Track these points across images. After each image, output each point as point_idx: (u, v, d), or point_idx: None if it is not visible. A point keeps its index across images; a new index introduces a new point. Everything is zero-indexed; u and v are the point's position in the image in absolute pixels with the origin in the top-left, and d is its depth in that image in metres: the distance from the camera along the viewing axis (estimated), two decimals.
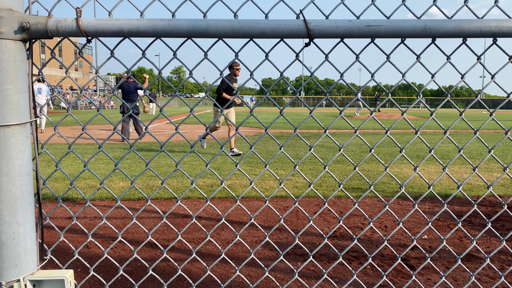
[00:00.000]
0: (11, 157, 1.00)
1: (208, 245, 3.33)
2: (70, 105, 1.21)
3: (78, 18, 1.03)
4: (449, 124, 19.93)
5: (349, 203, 4.65)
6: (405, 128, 16.06)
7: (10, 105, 0.99)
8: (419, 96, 1.26)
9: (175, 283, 2.64)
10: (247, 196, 4.89)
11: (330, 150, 9.14)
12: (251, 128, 15.71)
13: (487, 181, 5.85)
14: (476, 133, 1.33)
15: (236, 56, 1.21)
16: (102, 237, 3.51)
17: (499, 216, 4.10)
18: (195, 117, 1.21)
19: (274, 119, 1.15)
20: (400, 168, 6.88)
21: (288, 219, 4.06)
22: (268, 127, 1.24)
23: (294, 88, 1.24)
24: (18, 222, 1.03)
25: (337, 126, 16.64)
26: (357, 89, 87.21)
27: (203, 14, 1.11)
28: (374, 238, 3.53)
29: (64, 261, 2.98)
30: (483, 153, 8.84)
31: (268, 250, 3.24)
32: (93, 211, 4.26)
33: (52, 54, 1.17)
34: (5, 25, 0.96)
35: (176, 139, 11.27)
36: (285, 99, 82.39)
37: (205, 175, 6.10)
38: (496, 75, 1.27)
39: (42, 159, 7.53)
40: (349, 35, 1.08)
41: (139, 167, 6.79)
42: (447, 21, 1.09)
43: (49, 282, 1.09)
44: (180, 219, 4.04)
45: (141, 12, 1.10)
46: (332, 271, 2.84)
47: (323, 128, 1.31)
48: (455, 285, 2.64)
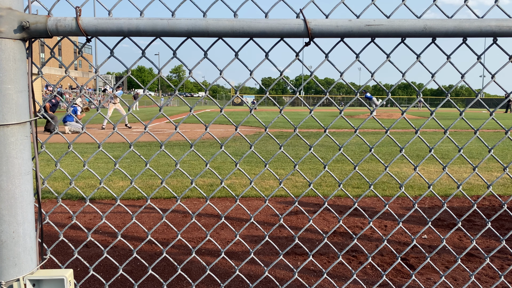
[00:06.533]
0: (10, 157, 1.00)
1: (208, 244, 3.33)
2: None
3: (78, 17, 1.03)
4: (449, 123, 19.94)
5: (349, 203, 4.65)
6: (405, 128, 16.06)
7: (9, 104, 0.99)
8: (419, 95, 1.26)
9: (174, 283, 2.64)
10: (247, 195, 4.89)
11: (330, 150, 9.14)
12: (251, 128, 15.71)
13: (487, 180, 5.85)
14: (476, 133, 1.33)
15: (236, 56, 1.21)
16: (101, 236, 3.51)
17: (499, 216, 4.10)
18: (195, 116, 1.21)
19: (274, 119, 1.15)
20: (400, 167, 6.88)
21: (288, 219, 4.06)
22: (268, 126, 1.24)
23: (294, 87, 1.23)
24: (18, 222, 1.03)
25: (337, 126, 16.64)
26: (357, 89, 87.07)
27: (203, 14, 1.11)
28: (374, 237, 3.53)
29: (63, 261, 2.98)
30: (483, 152, 8.85)
31: (268, 249, 3.24)
32: (93, 211, 4.26)
33: (51, 53, 1.17)
34: (5, 24, 0.96)
35: (176, 138, 11.27)
36: (285, 99, 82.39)
37: (204, 174, 6.10)
38: (496, 74, 1.26)
39: (42, 158, 7.53)
40: (349, 35, 1.08)
41: (138, 167, 6.79)
42: (447, 20, 1.08)
43: (48, 281, 1.08)
44: (180, 219, 4.04)
45: (140, 12, 1.10)
46: (332, 270, 2.84)
47: (323, 128, 1.31)
48: (454, 284, 2.64)
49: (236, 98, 57.81)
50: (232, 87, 1.25)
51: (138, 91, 65.52)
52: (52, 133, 1.21)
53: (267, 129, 1.25)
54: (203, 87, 1.32)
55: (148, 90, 1.21)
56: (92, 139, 2.35)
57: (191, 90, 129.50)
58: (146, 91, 1.19)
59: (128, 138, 10.68)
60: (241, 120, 11.01)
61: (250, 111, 1.23)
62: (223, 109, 1.25)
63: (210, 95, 1.86)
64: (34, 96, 1.07)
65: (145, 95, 14.26)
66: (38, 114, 1.11)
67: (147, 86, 1.19)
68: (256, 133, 13.45)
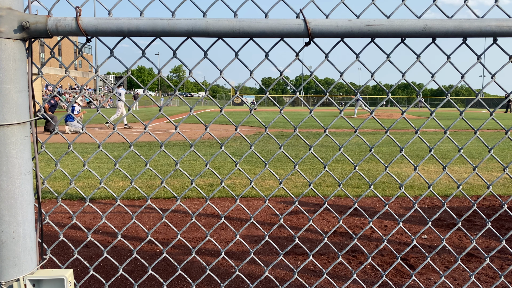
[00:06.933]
0: (10, 157, 1.00)
1: (208, 244, 3.33)
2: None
3: (78, 17, 1.03)
4: (449, 123, 19.94)
5: (349, 203, 4.65)
6: (405, 128, 16.06)
7: (9, 104, 0.99)
8: (419, 95, 1.26)
9: (174, 283, 2.64)
10: (247, 195, 4.89)
11: (330, 150, 9.14)
12: (251, 128, 15.71)
13: (487, 180, 5.85)
14: (476, 133, 1.33)
15: (236, 56, 1.21)
16: (101, 236, 3.51)
17: (499, 216, 4.10)
18: (195, 116, 1.21)
19: (274, 119, 1.15)
20: (400, 167, 6.88)
21: (288, 219, 4.06)
22: (268, 126, 1.24)
23: (294, 87, 1.23)
24: (18, 222, 1.03)
25: (337, 126, 16.64)
26: (357, 89, 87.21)
27: (203, 14, 1.11)
28: (374, 237, 3.53)
29: (63, 261, 2.98)
30: (483, 152, 8.85)
31: (268, 249, 3.24)
32: (93, 211, 4.26)
33: (51, 53, 1.17)
34: (5, 24, 0.96)
35: (176, 138, 11.27)
36: (285, 99, 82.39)
37: (204, 174, 6.10)
38: (496, 74, 1.26)
39: (42, 158, 7.53)
40: (349, 35, 1.08)
41: (138, 167, 6.79)
42: (447, 20, 1.08)
43: (48, 281, 1.08)
44: (180, 219, 4.04)
45: (141, 12, 1.10)
46: (332, 270, 2.84)
47: (323, 128, 1.31)
48: (454, 284, 2.64)
49: (236, 98, 57.82)
50: (232, 87, 1.25)
51: (138, 91, 65.55)
52: (52, 133, 1.21)
53: (267, 129, 1.25)
54: (203, 87, 1.32)
55: (148, 90, 1.21)
56: (92, 139, 2.35)
57: (191, 90, 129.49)
58: (146, 91, 1.19)
59: (128, 138, 10.68)
60: (241, 120, 11.02)
61: (250, 111, 1.23)
62: (223, 109, 1.25)
63: (210, 95, 1.86)
64: (34, 96, 1.07)
65: (145, 95, 14.27)
66: (38, 114, 1.11)
67: (147, 86, 1.19)
68: (256, 133, 13.45)
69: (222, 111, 1.25)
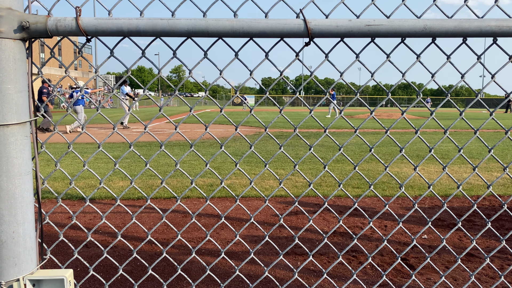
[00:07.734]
0: (10, 157, 1.00)
1: (208, 244, 3.33)
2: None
3: (78, 17, 1.03)
4: (449, 123, 19.94)
5: (349, 203, 4.65)
6: (405, 128, 16.06)
7: (9, 104, 0.99)
8: (419, 95, 1.26)
9: (174, 283, 2.64)
10: (247, 195, 4.89)
11: (330, 150, 9.14)
12: (250, 128, 15.71)
13: (487, 180, 5.85)
14: (476, 133, 1.33)
15: (236, 56, 1.21)
16: (101, 236, 3.51)
17: (499, 216, 4.10)
18: (195, 116, 1.21)
19: (274, 119, 1.15)
20: (400, 167, 6.88)
21: (288, 219, 4.06)
22: (268, 126, 1.24)
23: (294, 87, 1.23)
24: (18, 222, 1.03)
25: (337, 126, 16.64)
26: (357, 89, 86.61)
27: (203, 14, 1.11)
28: (374, 237, 3.53)
29: (63, 261, 2.98)
30: (483, 152, 8.85)
31: (268, 249, 3.24)
32: (93, 211, 4.26)
33: (51, 53, 1.17)
34: (5, 24, 0.96)
35: (176, 138, 11.27)
36: (285, 99, 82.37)
37: (204, 174, 6.10)
38: (496, 74, 1.26)
39: (42, 158, 7.53)
40: (349, 35, 1.08)
41: (138, 167, 6.79)
42: (447, 20, 1.08)
43: (48, 281, 1.08)
44: (180, 219, 4.04)
45: (141, 12, 1.10)
46: (332, 270, 2.84)
47: (323, 128, 1.31)
48: (454, 284, 2.64)
49: (236, 98, 57.80)
50: (232, 87, 1.25)
51: (138, 91, 65.53)
52: (52, 133, 1.21)
53: (267, 129, 1.25)
54: (203, 87, 1.32)
55: (148, 90, 1.21)
56: (92, 139, 2.35)
57: (191, 90, 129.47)
58: (146, 91, 1.19)
59: (128, 138, 10.68)
60: (241, 120, 11.02)
61: (250, 111, 1.23)
62: (223, 109, 1.25)
63: (210, 95, 1.86)
64: (34, 96, 1.07)
65: (145, 95, 14.31)
66: (38, 114, 1.11)
67: (147, 86, 1.19)
68: (256, 133, 13.45)
69: (222, 111, 1.25)
